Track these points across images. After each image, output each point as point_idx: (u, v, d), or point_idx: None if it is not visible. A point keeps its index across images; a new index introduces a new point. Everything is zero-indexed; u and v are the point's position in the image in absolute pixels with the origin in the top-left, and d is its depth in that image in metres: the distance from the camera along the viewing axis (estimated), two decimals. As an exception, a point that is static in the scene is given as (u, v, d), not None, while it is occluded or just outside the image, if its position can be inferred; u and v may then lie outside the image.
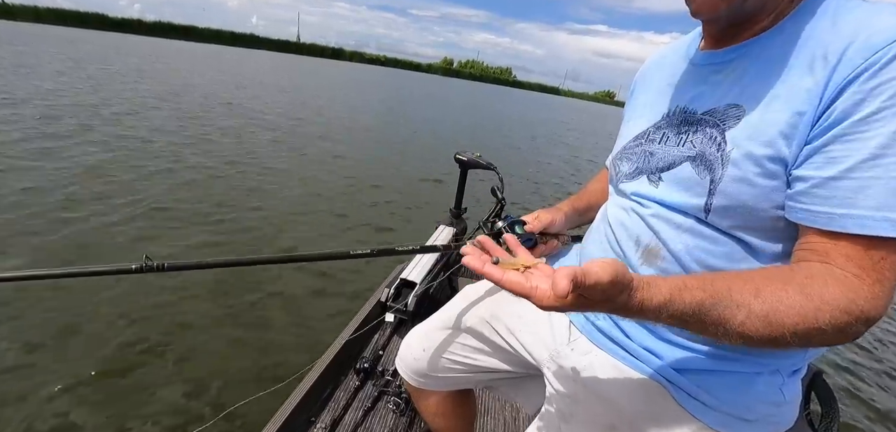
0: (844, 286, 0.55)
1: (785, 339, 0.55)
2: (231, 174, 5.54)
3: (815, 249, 0.59)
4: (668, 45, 0.97)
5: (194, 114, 8.84)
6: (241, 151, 6.70)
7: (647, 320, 0.58)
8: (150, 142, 6.40)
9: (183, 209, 4.24)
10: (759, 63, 0.68)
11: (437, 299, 2.01)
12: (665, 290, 0.56)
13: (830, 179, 0.57)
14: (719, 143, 0.67)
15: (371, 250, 1.09)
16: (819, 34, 0.62)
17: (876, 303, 0.56)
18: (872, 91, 0.55)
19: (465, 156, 1.97)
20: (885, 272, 0.56)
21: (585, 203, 1.09)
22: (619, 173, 0.87)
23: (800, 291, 0.56)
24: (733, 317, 0.56)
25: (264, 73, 25.09)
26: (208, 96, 11.72)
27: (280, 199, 4.95)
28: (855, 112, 0.56)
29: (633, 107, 0.94)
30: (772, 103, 0.63)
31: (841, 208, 0.57)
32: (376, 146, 8.90)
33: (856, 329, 0.56)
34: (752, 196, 0.64)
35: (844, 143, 0.57)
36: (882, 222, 0.54)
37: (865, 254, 0.56)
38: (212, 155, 6.22)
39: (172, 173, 5.23)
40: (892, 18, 0.57)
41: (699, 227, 0.70)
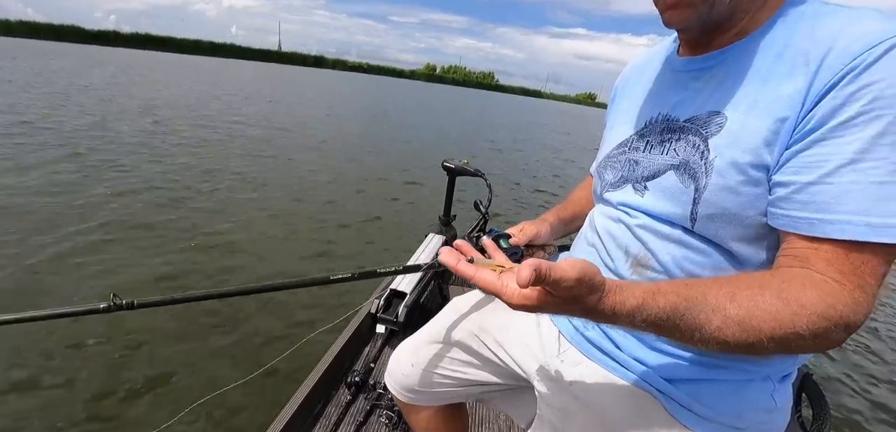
0: (823, 291, 0.55)
1: (762, 345, 0.55)
2: (212, 191, 5.37)
3: (796, 255, 0.59)
4: (647, 51, 0.97)
5: (176, 128, 8.68)
6: (220, 166, 6.50)
7: (622, 325, 0.58)
8: (121, 157, 6.21)
9: (155, 234, 4.05)
10: (739, 69, 0.68)
11: (428, 308, 2.00)
12: (638, 294, 0.56)
13: (810, 184, 0.57)
14: (703, 152, 0.67)
15: (352, 274, 1.06)
16: (798, 41, 0.63)
17: (856, 309, 0.55)
18: (851, 96, 0.55)
19: (453, 163, 1.97)
20: (866, 277, 0.56)
21: (571, 212, 1.09)
22: (604, 182, 0.86)
23: (776, 296, 0.55)
24: (709, 322, 0.55)
25: (248, 83, 24.75)
26: (192, 106, 11.52)
27: (260, 213, 4.85)
28: (834, 117, 0.56)
29: (615, 113, 0.94)
30: (753, 110, 0.63)
31: (821, 213, 0.57)
32: (364, 155, 8.80)
33: (836, 335, 0.55)
34: (738, 204, 0.64)
35: (824, 148, 0.57)
36: (862, 227, 0.54)
37: (846, 259, 0.56)
38: (186, 172, 6.00)
39: (146, 191, 5.08)
40: (870, 25, 0.57)
41: (686, 238, 0.70)
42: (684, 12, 0.67)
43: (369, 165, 7.95)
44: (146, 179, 5.44)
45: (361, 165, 7.88)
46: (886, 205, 0.54)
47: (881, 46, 0.54)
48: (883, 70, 0.54)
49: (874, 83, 0.54)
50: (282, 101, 17.51)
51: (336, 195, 5.92)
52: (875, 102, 0.54)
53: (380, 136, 11.61)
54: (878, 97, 0.54)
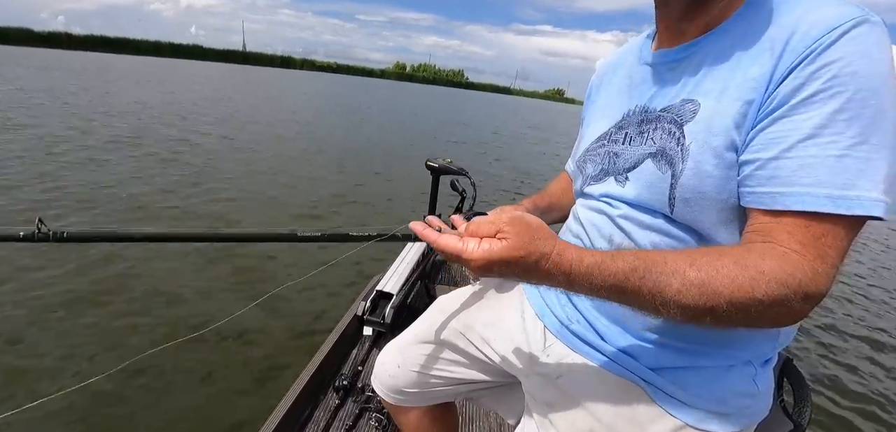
0: (784, 260, 0.56)
1: (721, 310, 0.56)
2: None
3: (758, 230, 0.61)
4: (620, 49, 1.00)
5: (136, 141, 8.34)
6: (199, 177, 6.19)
7: (582, 287, 0.59)
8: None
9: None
10: (711, 58, 0.70)
11: (416, 308, 1.99)
12: (597, 254, 0.58)
13: (772, 160, 0.60)
14: (678, 138, 0.69)
15: (321, 233, 1.05)
16: (764, 28, 0.66)
17: (816, 280, 0.55)
18: (812, 75, 0.58)
19: (436, 162, 1.97)
20: (827, 249, 0.57)
21: (547, 203, 1.10)
22: (586, 175, 0.88)
23: (735, 262, 0.56)
24: (669, 285, 0.56)
25: (225, 86, 24.10)
26: (157, 117, 11.09)
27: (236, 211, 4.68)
28: (795, 95, 0.59)
29: (591, 110, 0.96)
30: (724, 95, 0.66)
31: (782, 187, 0.59)
32: (346, 156, 8.62)
33: (795, 304, 0.56)
34: (713, 186, 0.65)
35: (785, 125, 0.59)
36: (822, 199, 0.56)
37: (806, 230, 0.57)
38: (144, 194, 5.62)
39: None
40: (830, 10, 0.60)
41: (667, 226, 0.71)
42: None
43: (351, 165, 7.84)
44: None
45: (343, 164, 7.79)
46: (845, 177, 0.56)
47: (839, 29, 0.57)
48: (841, 50, 0.57)
49: (833, 62, 0.57)
50: (273, 102, 17.06)
51: (316, 192, 5.81)
52: (833, 80, 0.56)
53: (361, 137, 11.40)
54: (837, 75, 0.56)
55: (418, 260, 2.24)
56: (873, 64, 0.57)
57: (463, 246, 0.59)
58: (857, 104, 0.56)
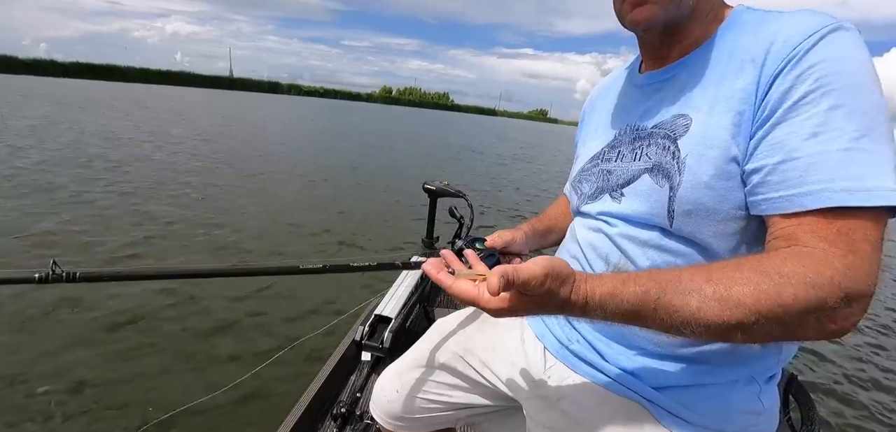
0: (810, 259, 0.53)
1: (750, 323, 0.52)
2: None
3: (782, 236, 0.58)
4: (610, 76, 1.02)
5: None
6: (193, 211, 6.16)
7: (598, 318, 0.57)
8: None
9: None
10: (697, 75, 0.72)
11: (414, 332, 1.95)
12: (608, 281, 0.56)
13: (779, 164, 0.59)
14: (674, 152, 0.69)
15: (323, 265, 1.00)
16: (744, 43, 0.67)
17: (852, 275, 0.52)
18: (798, 78, 0.58)
19: (434, 185, 1.96)
20: (858, 242, 0.53)
21: (546, 226, 1.10)
22: (582, 194, 0.88)
23: (754, 269, 0.54)
24: (686, 305, 0.54)
25: (230, 115, 23.98)
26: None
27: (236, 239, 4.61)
28: (786, 99, 0.59)
29: (585, 132, 0.98)
30: (714, 108, 0.67)
31: (796, 188, 0.57)
32: (341, 182, 8.41)
33: (836, 308, 0.51)
34: (712, 198, 0.65)
35: (784, 129, 0.59)
36: (839, 192, 0.54)
37: (830, 227, 0.54)
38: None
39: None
40: (806, 19, 0.62)
41: (664, 240, 0.71)
42: (651, 10, 0.70)
43: (349, 189, 7.81)
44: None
45: (341, 188, 7.77)
46: (856, 169, 0.54)
47: (817, 34, 0.59)
48: (822, 53, 0.58)
49: (817, 64, 0.58)
50: (272, 130, 17.01)
51: (316, 217, 5.76)
52: (820, 80, 0.57)
53: (355, 161, 11.34)
54: (823, 75, 0.57)
55: (416, 282, 2.20)
56: (856, 62, 0.58)
57: (480, 294, 0.57)
58: (850, 98, 0.56)
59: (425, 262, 0.66)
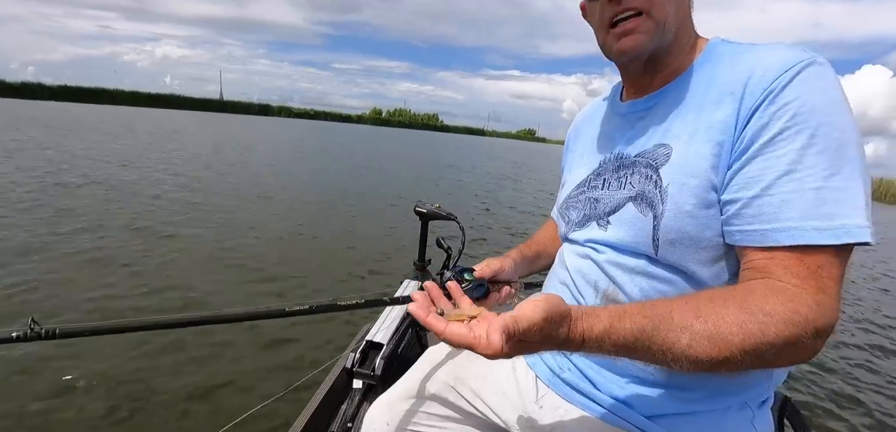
0: (785, 296, 0.56)
1: (736, 358, 0.55)
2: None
3: (755, 267, 0.61)
4: (593, 102, 1.04)
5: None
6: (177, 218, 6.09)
7: (595, 352, 0.58)
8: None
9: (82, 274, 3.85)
10: (677, 105, 0.74)
11: (407, 357, 1.86)
12: (604, 318, 0.57)
13: (755, 198, 0.62)
14: (656, 181, 0.71)
15: (309, 306, 0.97)
16: (722, 75, 0.70)
17: (822, 311, 0.56)
18: (774, 115, 0.61)
19: (425, 208, 1.89)
20: (825, 280, 0.57)
21: (534, 251, 1.10)
22: (569, 221, 0.89)
23: (740, 307, 0.56)
24: (678, 341, 0.55)
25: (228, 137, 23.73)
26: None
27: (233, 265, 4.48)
28: (763, 134, 0.62)
29: (571, 159, 1.00)
30: (694, 138, 0.69)
31: (769, 223, 0.60)
32: (330, 206, 8.11)
33: (808, 342, 0.55)
34: (695, 227, 0.67)
35: (760, 164, 0.62)
36: (810, 231, 0.57)
37: (801, 264, 0.58)
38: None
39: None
40: (780, 54, 0.65)
41: (651, 267, 0.72)
42: (638, 38, 0.72)
43: (338, 212, 7.61)
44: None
45: (331, 211, 7.58)
46: (827, 207, 0.57)
47: (792, 70, 0.61)
48: (796, 90, 0.61)
49: (791, 101, 0.60)
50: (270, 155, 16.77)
51: (301, 241, 5.66)
52: (795, 118, 0.60)
53: (347, 181, 11.22)
54: (797, 113, 0.59)
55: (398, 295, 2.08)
56: (828, 99, 0.60)
57: (476, 338, 0.55)
58: (822, 137, 0.58)
59: (411, 303, 0.63)
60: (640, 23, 0.71)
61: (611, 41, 0.76)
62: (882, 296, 5.95)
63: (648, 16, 0.71)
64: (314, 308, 0.97)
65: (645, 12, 0.71)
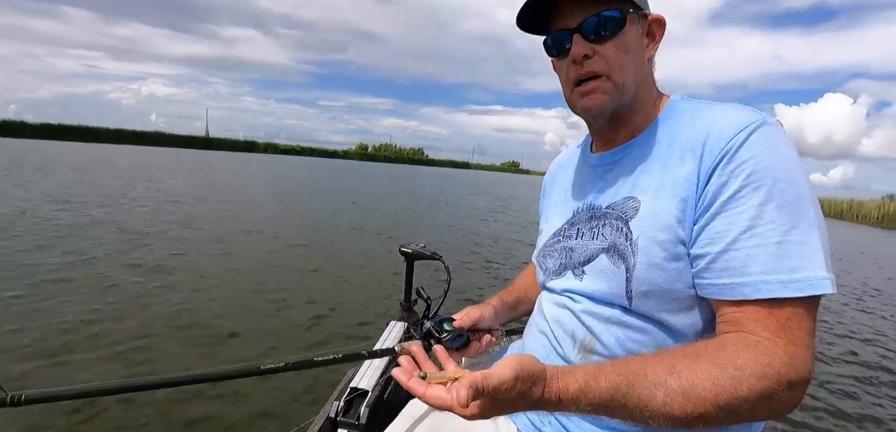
0: (757, 350, 0.57)
1: (711, 414, 0.56)
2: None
3: (727, 320, 0.64)
4: (566, 151, 1.08)
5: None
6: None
7: (571, 411, 0.59)
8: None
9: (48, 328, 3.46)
10: (643, 160, 0.78)
11: (393, 404, 1.80)
12: (580, 377, 0.58)
13: (721, 253, 0.64)
14: (626, 233, 0.74)
15: (285, 364, 0.95)
16: (682, 132, 0.74)
17: (794, 365, 0.57)
18: (733, 173, 0.65)
19: (410, 247, 1.86)
20: (796, 332, 0.59)
21: (515, 297, 1.11)
22: (547, 270, 0.91)
23: (712, 362, 0.57)
24: (653, 398, 0.56)
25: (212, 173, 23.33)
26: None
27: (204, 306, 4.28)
28: (724, 192, 0.65)
29: (547, 206, 1.03)
30: (660, 192, 0.72)
31: (737, 277, 0.62)
32: (312, 244, 7.63)
33: (782, 395, 0.56)
34: (665, 279, 0.69)
35: (723, 220, 0.64)
36: (775, 284, 0.59)
37: (771, 317, 0.60)
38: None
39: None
40: (735, 115, 0.69)
41: (626, 318, 0.74)
42: (599, 98, 0.77)
43: (322, 251, 7.15)
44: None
45: (313, 250, 7.14)
46: (790, 261, 0.60)
47: (746, 131, 0.66)
48: (751, 149, 0.65)
49: (748, 160, 0.64)
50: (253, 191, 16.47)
51: (283, 282, 5.31)
52: (751, 176, 0.63)
53: (331, 219, 10.78)
54: (754, 171, 0.63)
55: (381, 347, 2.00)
56: (781, 157, 0.64)
57: (453, 400, 0.54)
58: (779, 193, 0.62)
59: (395, 369, 0.63)
60: (601, 84, 0.77)
61: (576, 98, 0.81)
62: (861, 316, 6.01)
63: (608, 78, 0.76)
64: (290, 365, 0.95)
65: (605, 75, 0.76)
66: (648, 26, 0.81)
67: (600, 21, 0.75)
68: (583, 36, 0.76)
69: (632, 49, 0.77)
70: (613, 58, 0.76)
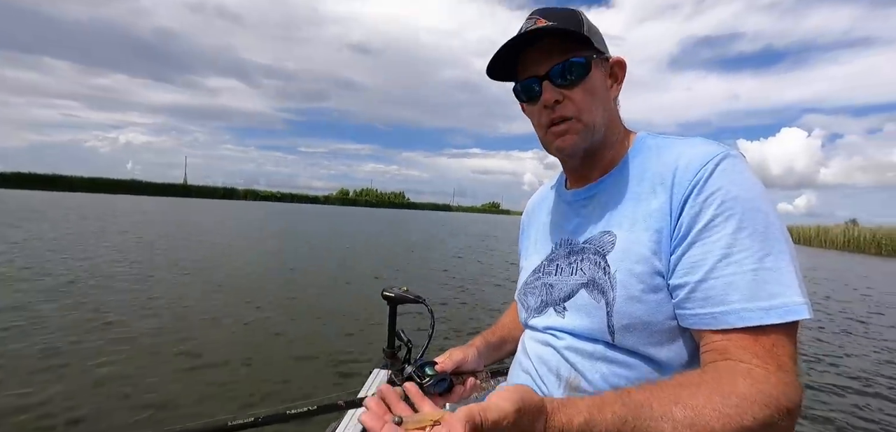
0: (752, 378, 0.58)
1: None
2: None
3: (715, 349, 0.64)
4: (542, 188, 1.10)
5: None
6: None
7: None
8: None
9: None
10: (615, 195, 0.80)
11: None
12: (583, 409, 0.56)
13: (700, 282, 0.65)
14: (604, 268, 0.75)
15: (255, 419, 0.91)
16: (652, 166, 0.77)
17: (787, 390, 0.57)
18: (704, 203, 0.66)
19: (393, 292, 1.79)
20: (782, 358, 0.59)
21: (499, 337, 1.09)
22: (528, 308, 0.92)
23: (714, 391, 0.57)
24: (661, 430, 0.55)
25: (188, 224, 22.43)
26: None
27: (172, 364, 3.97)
28: (697, 222, 0.66)
29: (525, 244, 1.04)
30: (635, 226, 0.74)
31: (719, 306, 0.63)
32: (290, 292, 7.23)
33: (782, 423, 0.56)
34: (645, 311, 0.70)
35: (699, 249, 0.66)
36: (757, 311, 0.60)
37: (757, 344, 0.60)
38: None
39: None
40: (701, 148, 0.71)
41: (610, 353, 0.74)
42: (572, 138, 0.80)
43: (301, 298, 6.86)
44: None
45: (293, 297, 6.84)
46: (768, 287, 0.61)
47: (712, 162, 0.68)
48: (719, 180, 0.67)
49: (717, 191, 0.66)
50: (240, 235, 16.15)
51: (253, 336, 4.94)
52: (723, 205, 0.65)
53: (310, 264, 10.52)
54: (724, 200, 0.65)
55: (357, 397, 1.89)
56: (747, 186, 0.66)
57: None
58: (749, 221, 0.64)
59: (364, 414, 0.59)
60: (572, 125, 0.80)
61: (550, 140, 0.84)
62: (845, 339, 6.04)
63: (578, 120, 0.79)
64: (261, 420, 0.91)
65: (575, 117, 0.79)
66: (611, 68, 0.85)
67: (567, 67, 0.78)
68: (552, 82, 0.79)
69: (598, 91, 0.81)
70: (582, 101, 0.79)
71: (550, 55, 0.79)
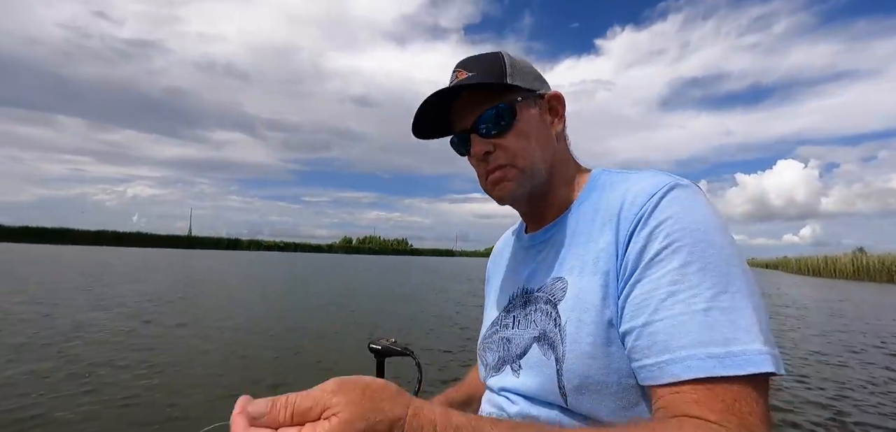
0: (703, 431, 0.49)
1: None
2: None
3: (666, 406, 0.54)
4: (505, 234, 1.04)
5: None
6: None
7: None
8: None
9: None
10: (568, 237, 0.75)
11: None
12: (473, 416, 0.49)
13: (645, 326, 0.57)
14: (555, 319, 0.69)
15: None
16: (601, 203, 0.72)
17: None
18: (650, 236, 0.61)
19: (379, 344, 1.83)
20: (746, 416, 0.49)
21: (465, 393, 1.04)
22: (487, 365, 0.84)
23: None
24: None
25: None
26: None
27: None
28: (642, 257, 0.61)
29: (488, 294, 0.97)
30: (584, 270, 0.68)
31: (663, 354, 0.55)
32: (280, 347, 6.90)
33: None
34: (598, 369, 0.62)
35: (644, 287, 0.59)
36: (707, 360, 0.51)
37: (715, 399, 0.50)
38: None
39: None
40: (647, 180, 0.66)
41: (565, 419, 0.66)
42: (509, 186, 0.76)
43: (294, 352, 6.54)
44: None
45: (284, 351, 6.54)
46: (720, 331, 0.52)
47: (658, 194, 0.63)
48: (665, 211, 0.61)
49: (663, 222, 0.60)
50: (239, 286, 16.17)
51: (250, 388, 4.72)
52: (669, 237, 0.59)
53: (303, 318, 10.11)
54: (670, 232, 0.59)
55: None
56: (698, 218, 0.60)
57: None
58: (699, 254, 0.57)
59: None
60: (507, 173, 0.76)
61: (489, 189, 0.80)
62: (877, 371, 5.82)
63: (513, 166, 0.76)
64: None
65: (509, 164, 0.76)
66: (548, 104, 0.81)
67: (493, 116, 0.75)
68: (479, 134, 0.76)
69: (532, 132, 0.77)
70: (514, 146, 0.75)
71: (474, 106, 0.76)
